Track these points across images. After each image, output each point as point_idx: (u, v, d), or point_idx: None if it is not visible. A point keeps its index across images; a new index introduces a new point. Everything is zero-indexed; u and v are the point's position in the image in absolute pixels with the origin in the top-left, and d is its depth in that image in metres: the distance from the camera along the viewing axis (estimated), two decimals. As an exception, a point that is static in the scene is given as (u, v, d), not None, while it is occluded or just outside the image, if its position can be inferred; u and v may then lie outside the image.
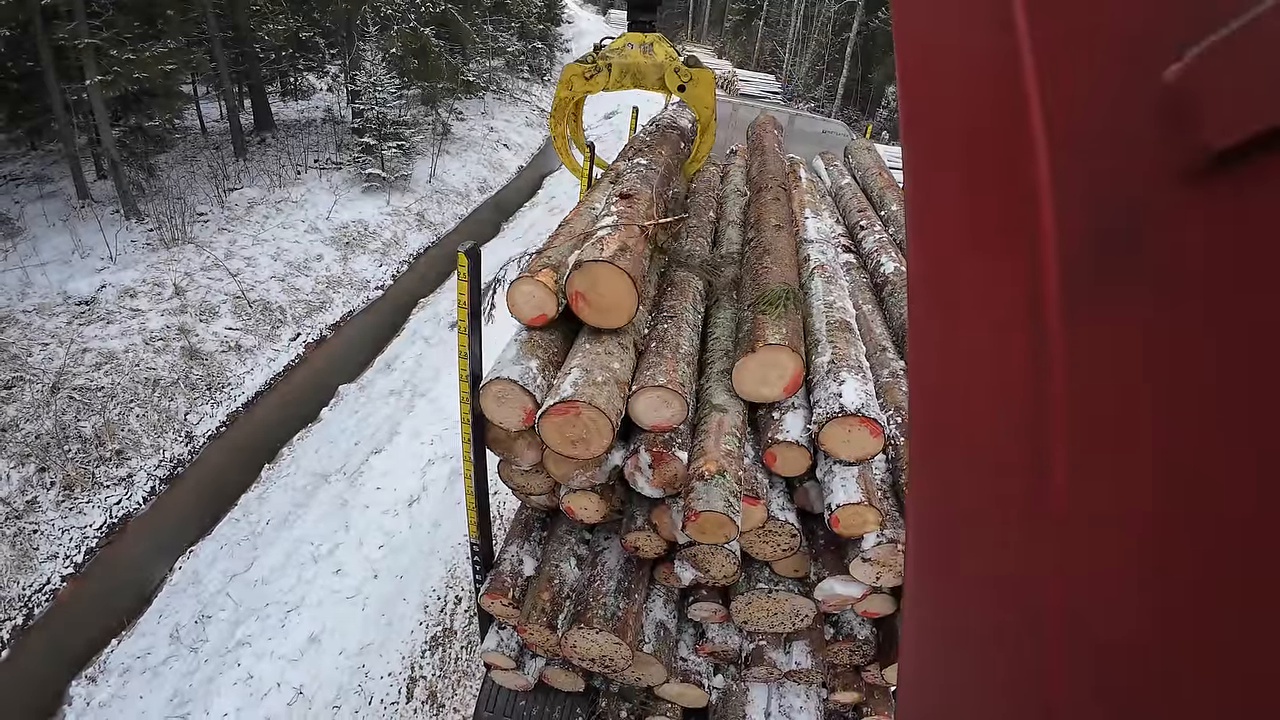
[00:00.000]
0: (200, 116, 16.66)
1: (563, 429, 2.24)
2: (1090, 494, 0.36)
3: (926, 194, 0.52)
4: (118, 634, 6.76)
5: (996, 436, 0.44)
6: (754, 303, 2.68)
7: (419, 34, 19.53)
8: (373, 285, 13.28)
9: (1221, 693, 0.29)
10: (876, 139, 20.83)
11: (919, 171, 0.53)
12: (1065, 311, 0.37)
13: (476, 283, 2.45)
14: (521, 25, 30.07)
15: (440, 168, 17.76)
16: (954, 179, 0.49)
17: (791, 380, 2.48)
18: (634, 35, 4.04)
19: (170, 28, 13.28)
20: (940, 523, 0.50)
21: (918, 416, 0.53)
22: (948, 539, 0.49)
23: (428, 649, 6.09)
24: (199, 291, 11.42)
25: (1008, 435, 0.42)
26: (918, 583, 0.55)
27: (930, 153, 0.52)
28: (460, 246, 2.36)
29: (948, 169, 0.50)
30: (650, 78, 4.01)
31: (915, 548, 0.54)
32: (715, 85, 4.12)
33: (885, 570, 2.45)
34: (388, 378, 10.41)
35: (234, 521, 8.17)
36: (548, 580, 3.03)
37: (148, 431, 9.09)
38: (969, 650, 0.47)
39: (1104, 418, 0.36)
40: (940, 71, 0.51)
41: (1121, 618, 0.34)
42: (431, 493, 7.63)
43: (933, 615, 0.52)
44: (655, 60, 3.99)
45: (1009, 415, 0.42)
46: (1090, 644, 0.36)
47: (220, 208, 13.77)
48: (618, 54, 4.00)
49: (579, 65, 4.04)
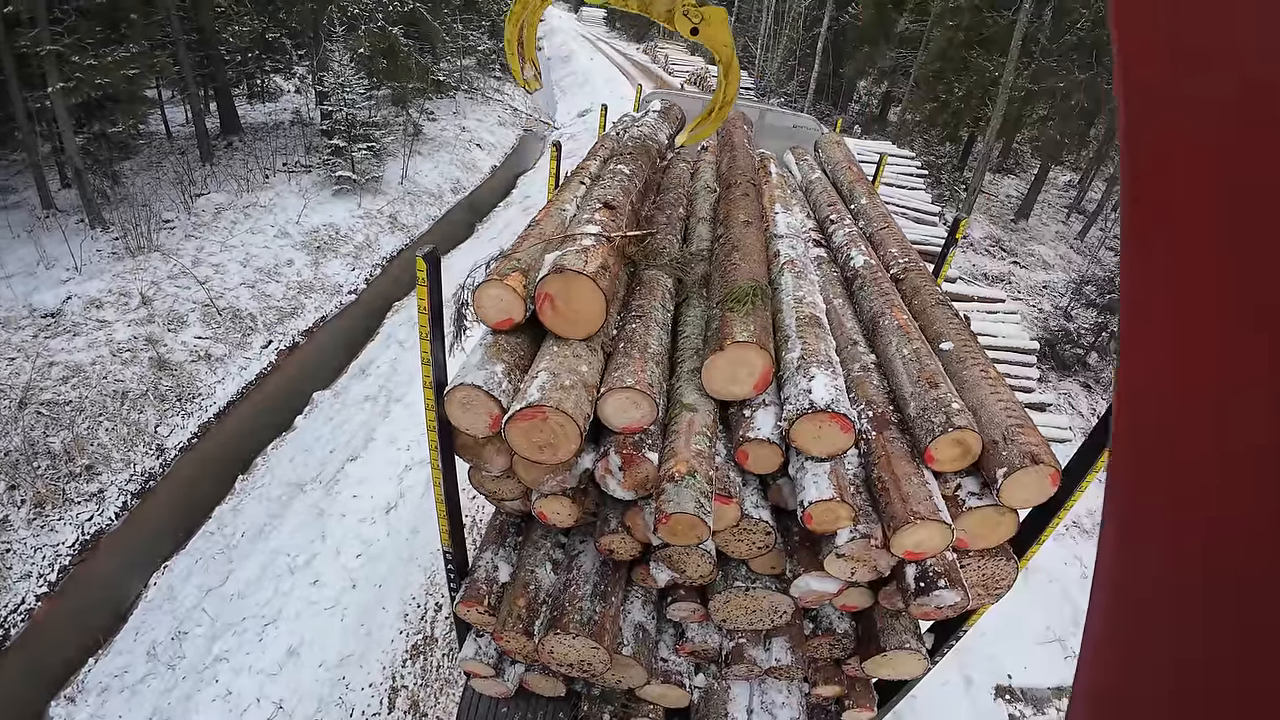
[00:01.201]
0: (165, 121, 16.31)
1: (529, 434, 2.20)
2: None
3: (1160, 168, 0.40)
4: (95, 653, 6.68)
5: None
6: (722, 300, 2.66)
7: (387, 33, 19.27)
8: (345, 289, 13.10)
9: None
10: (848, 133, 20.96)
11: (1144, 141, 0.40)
12: None
13: (437, 287, 2.40)
14: (492, 23, 29.78)
15: (412, 169, 17.56)
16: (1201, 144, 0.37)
17: (761, 377, 2.46)
18: None
19: (133, 31, 12.98)
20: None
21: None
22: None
23: (409, 658, 6.01)
24: (166, 300, 11.19)
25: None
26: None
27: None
28: (418, 251, 2.30)
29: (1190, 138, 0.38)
30: (659, 6, 3.72)
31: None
32: (729, 21, 3.81)
33: (860, 565, 2.45)
34: (362, 383, 10.27)
35: (208, 535, 8.04)
36: (523, 586, 2.99)
37: (117, 445, 8.91)
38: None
39: None
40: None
41: None
42: (409, 499, 7.53)
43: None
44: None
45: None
46: None
47: (187, 214, 13.49)
48: None
49: None
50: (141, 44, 13.02)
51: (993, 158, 17.71)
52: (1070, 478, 2.47)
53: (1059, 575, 7.56)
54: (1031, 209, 19.50)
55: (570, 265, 2.33)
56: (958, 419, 2.31)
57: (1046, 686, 6.42)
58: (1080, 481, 2.50)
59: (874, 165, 6.01)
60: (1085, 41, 16.98)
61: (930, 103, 19.89)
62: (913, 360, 2.62)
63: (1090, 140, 22.01)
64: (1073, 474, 2.49)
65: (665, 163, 4.71)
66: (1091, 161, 22.04)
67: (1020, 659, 6.52)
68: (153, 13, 14.09)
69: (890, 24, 22.82)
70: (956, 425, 2.30)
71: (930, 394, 2.44)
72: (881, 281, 3.27)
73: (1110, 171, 21.91)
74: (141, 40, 13.13)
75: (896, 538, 2.27)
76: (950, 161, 19.52)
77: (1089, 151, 22.58)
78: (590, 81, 30.61)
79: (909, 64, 21.84)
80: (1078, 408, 11.56)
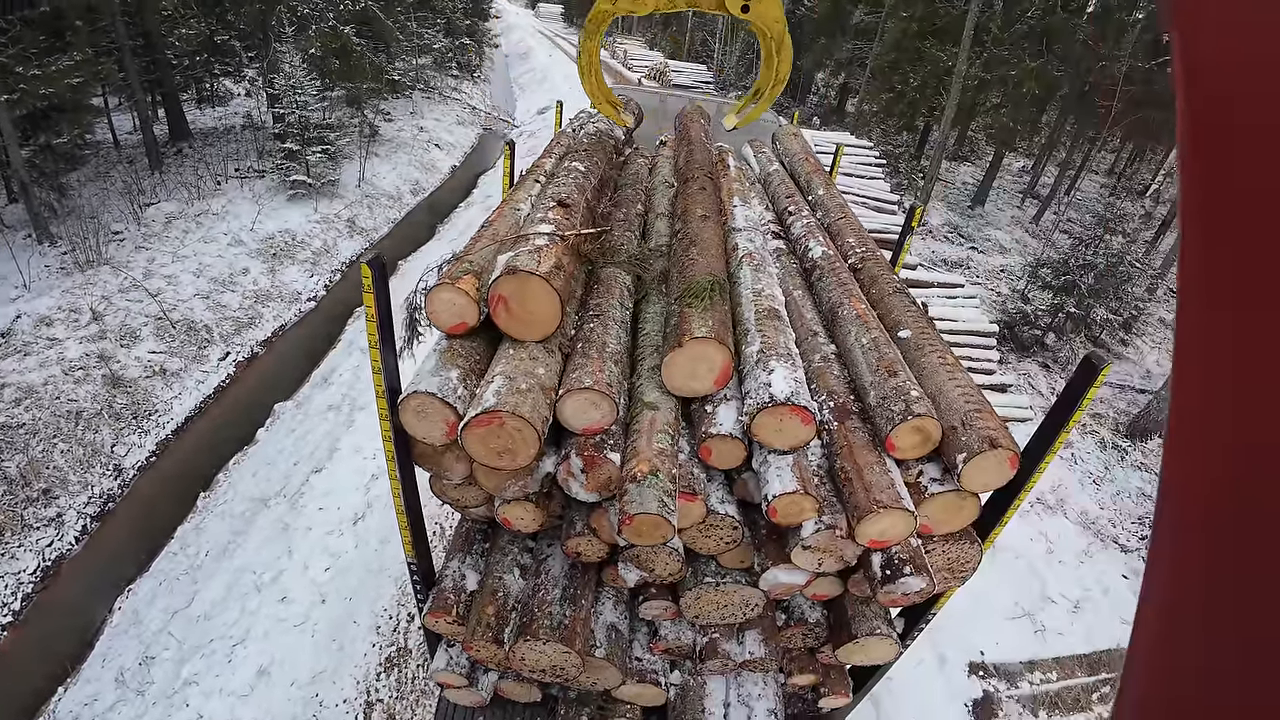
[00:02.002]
0: (112, 130, 15.74)
1: (487, 440, 2.15)
2: None
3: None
4: (63, 681, 6.54)
5: None
6: (680, 296, 2.64)
7: (339, 33, 18.83)
8: (304, 297, 12.78)
9: None
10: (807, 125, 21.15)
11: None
12: None
13: (384, 293, 2.33)
14: (448, 21, 29.37)
15: (369, 171, 17.21)
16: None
17: (721, 372, 2.44)
18: None
19: (78, 39, 12.47)
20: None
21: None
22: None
23: (383, 671, 5.90)
24: (118, 315, 10.81)
25: None
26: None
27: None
28: (362, 257, 2.23)
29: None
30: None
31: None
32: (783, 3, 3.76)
33: (826, 556, 2.45)
34: (325, 392, 10.03)
35: (171, 555, 7.83)
36: (491, 593, 2.94)
37: (74, 467, 8.62)
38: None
39: None
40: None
41: None
42: (376, 509, 7.38)
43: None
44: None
45: None
46: None
47: (136, 225, 13.04)
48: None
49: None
50: (86, 51, 12.54)
51: (948, 146, 18.05)
52: (1030, 459, 2.50)
53: (1025, 552, 7.76)
54: (987, 195, 19.94)
55: (523, 266, 2.28)
56: (917, 406, 2.33)
57: (1018, 661, 6.59)
58: (1039, 462, 2.53)
59: (832, 156, 6.05)
60: (1035, 30, 17.40)
61: (886, 93, 20.19)
62: (871, 349, 2.63)
63: (1042, 127, 22.59)
64: (1032, 455, 2.53)
65: (622, 158, 4.67)
66: (1044, 147, 22.62)
67: (991, 635, 6.68)
68: (97, 19, 13.57)
69: (845, 16, 23.10)
70: (916, 413, 2.31)
71: (889, 382, 2.45)
72: (840, 272, 3.29)
73: (1062, 156, 22.52)
74: (86, 48, 12.64)
75: (861, 527, 2.27)
76: (907, 150, 19.85)
77: (1041, 137, 23.16)
78: (549, 78, 30.38)
79: (865, 55, 22.13)
80: (1037, 387, 11.87)
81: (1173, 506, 0.45)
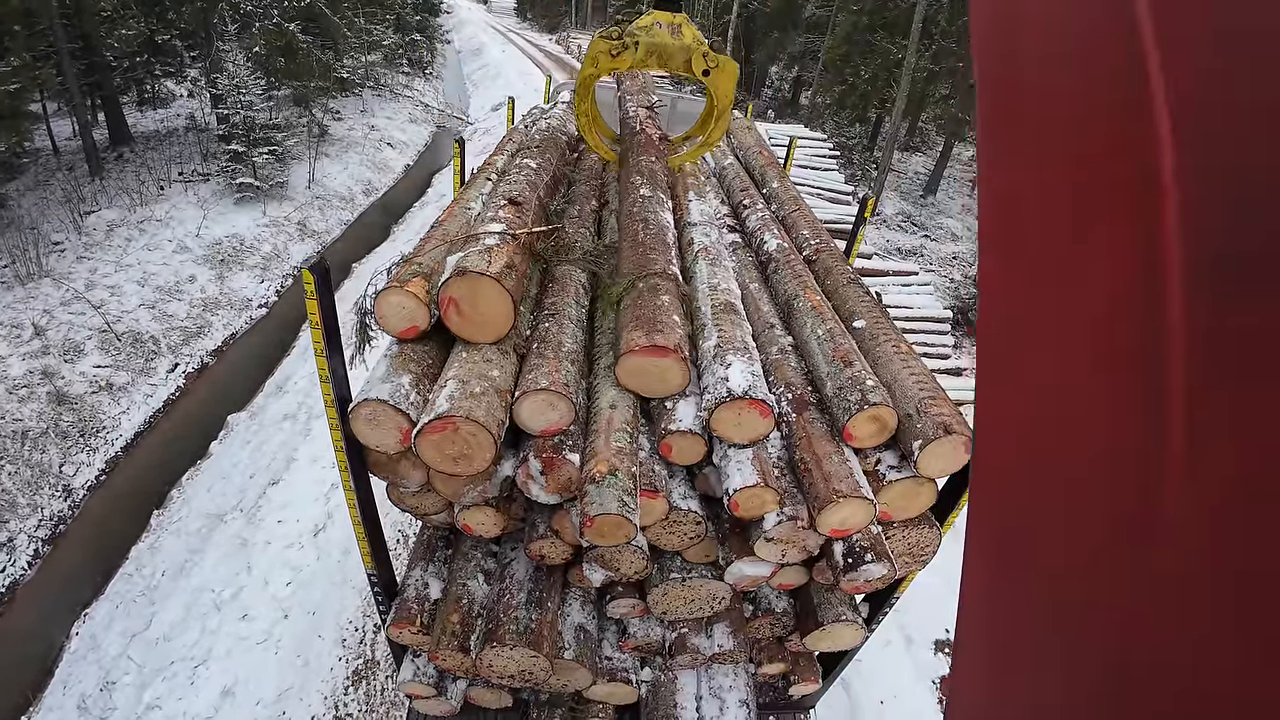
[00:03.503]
0: (51, 136, 15.01)
1: (441, 446, 2.10)
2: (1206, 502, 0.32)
3: (1010, 192, 0.44)
4: (26, 710, 6.36)
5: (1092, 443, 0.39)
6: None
7: (284, 30, 18.28)
8: (255, 303, 12.39)
9: None
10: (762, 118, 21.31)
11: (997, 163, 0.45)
12: (1188, 304, 0.33)
13: (328, 299, 2.25)
14: (397, 17, 28.73)
15: (319, 172, 16.76)
16: (1048, 174, 0.42)
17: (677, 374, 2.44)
18: (661, 14, 3.87)
19: (15, 45, 11.87)
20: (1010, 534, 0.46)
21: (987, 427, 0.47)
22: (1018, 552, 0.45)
23: (351, 685, 5.77)
24: (61, 329, 10.36)
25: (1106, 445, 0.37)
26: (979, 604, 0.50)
27: (1013, 137, 0.44)
28: (304, 262, 2.16)
29: (1038, 162, 0.42)
30: (677, 59, 3.89)
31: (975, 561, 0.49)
32: (738, 77, 4.08)
33: (789, 547, 2.47)
34: (280, 401, 9.74)
35: (127, 577, 7.58)
36: (456, 601, 2.89)
37: (22, 489, 8.26)
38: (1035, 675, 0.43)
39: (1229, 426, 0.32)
40: (1029, 44, 0.42)
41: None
42: (337, 519, 7.20)
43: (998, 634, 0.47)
44: (683, 42, 3.87)
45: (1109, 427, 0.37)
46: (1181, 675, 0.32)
47: (77, 234, 12.49)
48: (645, 32, 3.85)
49: (605, 42, 3.83)
50: (24, 57, 11.95)
51: (900, 137, 18.41)
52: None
53: (984, 530, 7.98)
54: (938, 184, 20.39)
55: (473, 267, 2.23)
56: (872, 396, 2.36)
57: (980, 636, 6.77)
58: None
59: (787, 149, 6.10)
60: (979, 22, 17.78)
61: (839, 86, 20.47)
62: (827, 340, 2.66)
63: (989, 116, 23.12)
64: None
65: (576, 154, 4.62)
66: (991, 136, 23.16)
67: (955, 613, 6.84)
68: (35, 23, 12.93)
69: (798, 10, 23.32)
70: (872, 402, 2.34)
71: (845, 373, 2.47)
72: (795, 264, 3.31)
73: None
74: (23, 53, 12.03)
75: (822, 517, 2.29)
76: (860, 142, 20.18)
77: (988, 126, 23.70)
78: (503, 74, 29.99)
79: (817, 49, 22.39)
80: (992, 370, 12.19)
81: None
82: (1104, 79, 0.37)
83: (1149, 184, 0.34)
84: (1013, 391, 0.45)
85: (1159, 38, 0.34)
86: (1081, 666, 0.38)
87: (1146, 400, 0.34)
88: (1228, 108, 0.32)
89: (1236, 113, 0.32)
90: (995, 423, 0.46)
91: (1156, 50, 0.34)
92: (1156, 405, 0.34)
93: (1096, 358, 0.38)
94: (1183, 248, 0.33)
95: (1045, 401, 0.42)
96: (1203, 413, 0.32)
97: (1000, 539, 0.46)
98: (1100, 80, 0.37)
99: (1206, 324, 0.32)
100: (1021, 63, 0.42)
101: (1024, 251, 0.43)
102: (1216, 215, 0.32)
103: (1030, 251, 0.43)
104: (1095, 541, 0.38)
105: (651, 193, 3.41)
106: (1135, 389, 0.35)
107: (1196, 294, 0.33)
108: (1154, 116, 0.33)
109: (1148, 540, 0.34)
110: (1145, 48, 0.34)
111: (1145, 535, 0.35)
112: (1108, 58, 0.36)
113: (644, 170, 3.70)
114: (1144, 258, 0.34)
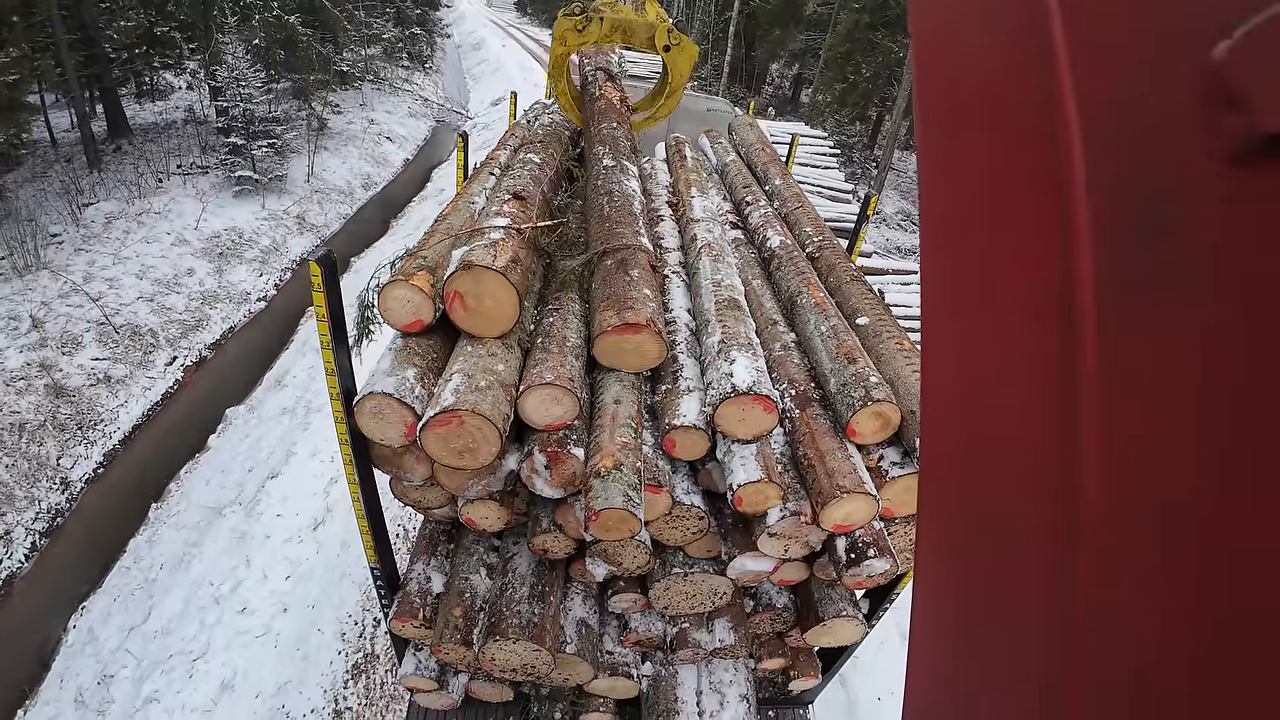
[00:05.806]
0: (49, 127, 14.94)
1: (447, 440, 2.11)
2: (1125, 499, 0.34)
3: (945, 185, 0.48)
4: (23, 704, 6.38)
5: (1018, 436, 0.41)
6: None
7: (284, 23, 18.20)
8: (254, 297, 12.37)
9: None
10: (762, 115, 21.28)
11: (933, 157, 0.49)
12: (1099, 302, 0.35)
13: (335, 292, 2.25)
14: (398, 10, 28.65)
15: (318, 165, 16.71)
16: (972, 167, 0.45)
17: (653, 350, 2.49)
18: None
19: (13, 36, 11.82)
20: (955, 528, 0.49)
21: (931, 415, 0.51)
22: (964, 545, 0.48)
23: (350, 678, 5.78)
24: (59, 321, 10.34)
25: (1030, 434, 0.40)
26: (931, 595, 0.53)
27: (947, 133, 0.47)
28: (310, 254, 2.16)
29: (966, 158, 0.46)
30: (640, 35, 4.02)
31: (927, 551, 0.53)
32: (696, 57, 4.26)
33: (792, 542, 2.48)
34: (279, 395, 9.74)
35: (124, 570, 7.59)
36: (458, 595, 2.90)
37: (19, 482, 8.26)
38: (983, 662, 0.46)
39: (1139, 416, 0.34)
40: (960, 45, 0.46)
41: (1152, 631, 0.32)
42: (337, 513, 7.21)
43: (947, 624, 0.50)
44: (646, 19, 3.99)
45: (1032, 415, 0.40)
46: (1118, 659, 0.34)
47: (75, 226, 12.45)
48: (609, 8, 3.97)
49: (569, 19, 3.94)
50: (23, 48, 11.89)
51: (900, 135, 18.39)
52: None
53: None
54: (939, 182, 20.38)
55: (478, 261, 2.23)
56: (876, 392, 2.37)
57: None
58: None
59: (788, 146, 6.10)
60: (979, 20, 17.75)
61: (840, 84, 20.44)
62: (830, 337, 2.67)
63: (989, 114, 23.12)
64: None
65: (578, 149, 4.61)
66: (991, 134, 23.17)
67: (952, 611, 6.88)
68: (33, 14, 12.87)
69: (799, 7, 23.28)
70: (875, 398, 2.35)
71: (849, 369, 2.48)
72: (798, 260, 3.31)
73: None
74: (22, 44, 11.98)
75: (825, 513, 2.30)
76: (861, 140, 20.17)
77: (988, 125, 23.70)
78: (503, 69, 29.90)
79: (818, 46, 22.36)
80: (991, 369, 12.22)
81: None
82: (1021, 93, 0.40)
83: (1064, 187, 0.36)
84: (949, 389, 0.48)
85: (1070, 51, 0.36)
86: (1020, 650, 0.40)
87: (1062, 400, 0.37)
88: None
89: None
90: (937, 420, 0.50)
91: (1068, 62, 0.36)
92: (1071, 405, 0.36)
93: (1017, 357, 0.41)
94: (1094, 253, 0.35)
95: (976, 396, 0.45)
96: (1114, 405, 0.34)
97: (945, 526, 0.49)
98: (1018, 90, 0.40)
99: (1118, 323, 0.34)
100: (952, 75, 0.46)
101: (954, 252, 0.47)
102: (1124, 221, 0.34)
103: (958, 252, 0.46)
104: (1024, 528, 0.40)
105: (614, 161, 3.40)
106: (1051, 388, 0.37)
107: (1107, 296, 0.35)
108: (1066, 120, 0.36)
109: (1071, 529, 0.36)
110: (1059, 65, 0.36)
111: (1069, 522, 0.36)
112: (1024, 72, 0.39)
113: (606, 139, 3.70)
114: (1059, 264, 0.37)
